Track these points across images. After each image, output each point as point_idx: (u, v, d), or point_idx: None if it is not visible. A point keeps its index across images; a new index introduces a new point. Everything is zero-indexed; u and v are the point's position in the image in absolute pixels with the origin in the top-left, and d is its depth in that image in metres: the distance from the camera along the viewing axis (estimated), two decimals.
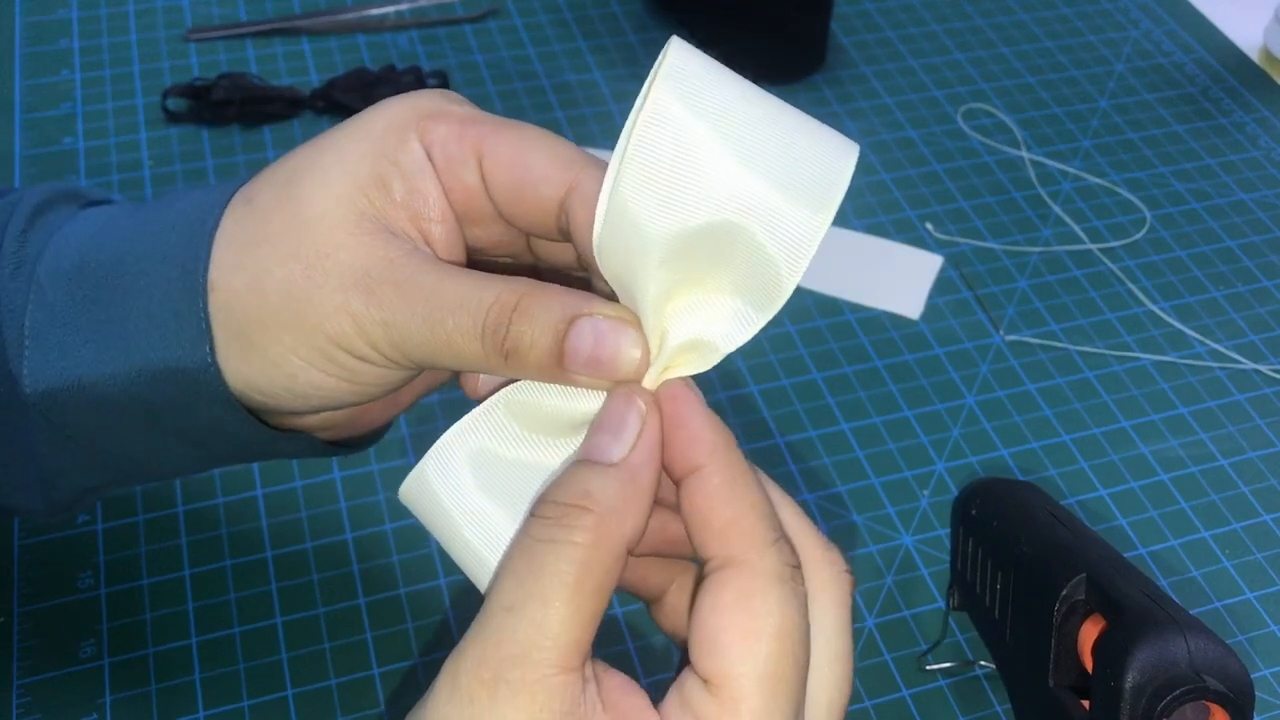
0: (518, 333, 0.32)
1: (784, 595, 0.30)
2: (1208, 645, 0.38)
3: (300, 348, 0.34)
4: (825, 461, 0.57)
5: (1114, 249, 0.68)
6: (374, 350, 0.34)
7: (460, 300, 0.33)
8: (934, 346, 0.62)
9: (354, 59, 0.77)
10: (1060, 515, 0.46)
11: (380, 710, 0.47)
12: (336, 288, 0.34)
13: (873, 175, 0.72)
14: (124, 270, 0.36)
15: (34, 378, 0.36)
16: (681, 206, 0.30)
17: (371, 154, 0.35)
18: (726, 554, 0.30)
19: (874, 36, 0.82)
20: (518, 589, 0.29)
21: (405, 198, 0.35)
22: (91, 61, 0.75)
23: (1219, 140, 0.76)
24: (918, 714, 0.48)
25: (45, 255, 0.37)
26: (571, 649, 0.29)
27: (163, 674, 0.48)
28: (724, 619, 0.30)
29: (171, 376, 0.36)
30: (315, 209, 0.34)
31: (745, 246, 0.30)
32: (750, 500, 0.31)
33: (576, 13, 0.82)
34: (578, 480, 0.30)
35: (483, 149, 0.35)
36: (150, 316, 0.36)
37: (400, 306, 0.33)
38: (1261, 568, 0.54)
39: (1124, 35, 0.84)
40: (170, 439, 0.38)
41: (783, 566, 0.30)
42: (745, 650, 0.29)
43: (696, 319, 0.31)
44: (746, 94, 0.31)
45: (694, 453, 0.31)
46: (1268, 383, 0.62)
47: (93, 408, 0.37)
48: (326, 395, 0.36)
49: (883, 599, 0.52)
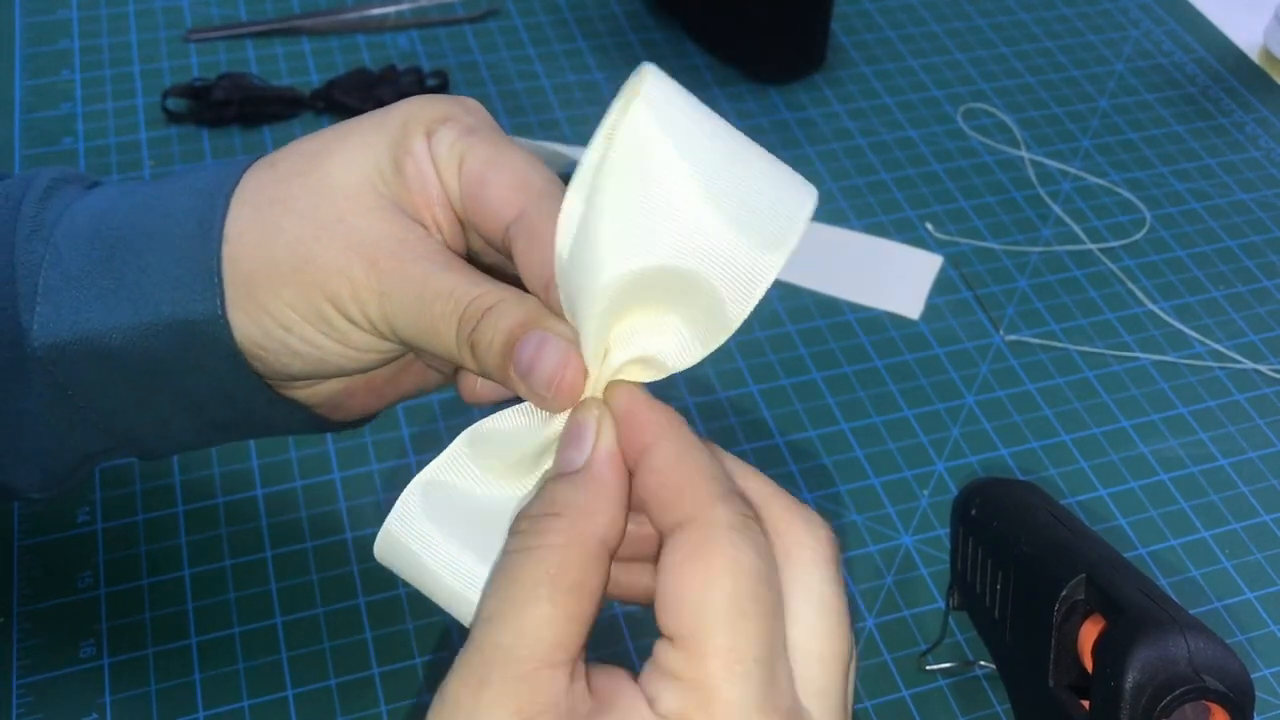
0: (481, 330, 0.34)
1: (736, 539, 0.29)
2: (1208, 645, 0.38)
3: (299, 303, 0.36)
4: (825, 461, 0.57)
5: (1114, 249, 0.68)
6: (365, 317, 0.36)
7: (450, 290, 0.35)
8: (934, 346, 0.62)
9: (354, 59, 0.77)
10: (1060, 515, 0.46)
11: (380, 710, 0.47)
12: (341, 251, 0.35)
13: (873, 175, 0.72)
14: (139, 231, 0.38)
15: (43, 331, 0.37)
16: (644, 236, 0.30)
17: (390, 143, 0.37)
18: (677, 518, 0.30)
19: (874, 36, 0.82)
20: (495, 599, 0.29)
21: (416, 183, 0.37)
22: (91, 62, 0.75)
23: (1219, 140, 0.76)
24: (918, 714, 0.48)
25: (63, 220, 0.38)
26: (553, 645, 0.29)
27: (163, 674, 0.48)
28: (679, 573, 0.29)
29: (180, 329, 0.37)
30: (336, 180, 0.36)
31: (697, 280, 0.31)
32: (696, 465, 0.31)
33: (576, 13, 0.82)
34: (546, 493, 0.31)
35: (465, 158, 0.37)
36: (163, 270, 0.37)
37: (398, 282, 0.35)
38: (1261, 568, 0.54)
39: (1124, 35, 0.84)
40: (171, 401, 0.39)
41: (734, 515, 0.30)
42: (702, 595, 0.29)
43: (643, 339, 0.32)
44: (716, 129, 0.32)
45: (641, 437, 0.32)
46: (1267, 383, 0.62)
47: (98, 363, 0.37)
48: (318, 354, 0.37)
49: (882, 599, 0.52)
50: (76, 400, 0.38)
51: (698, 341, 0.32)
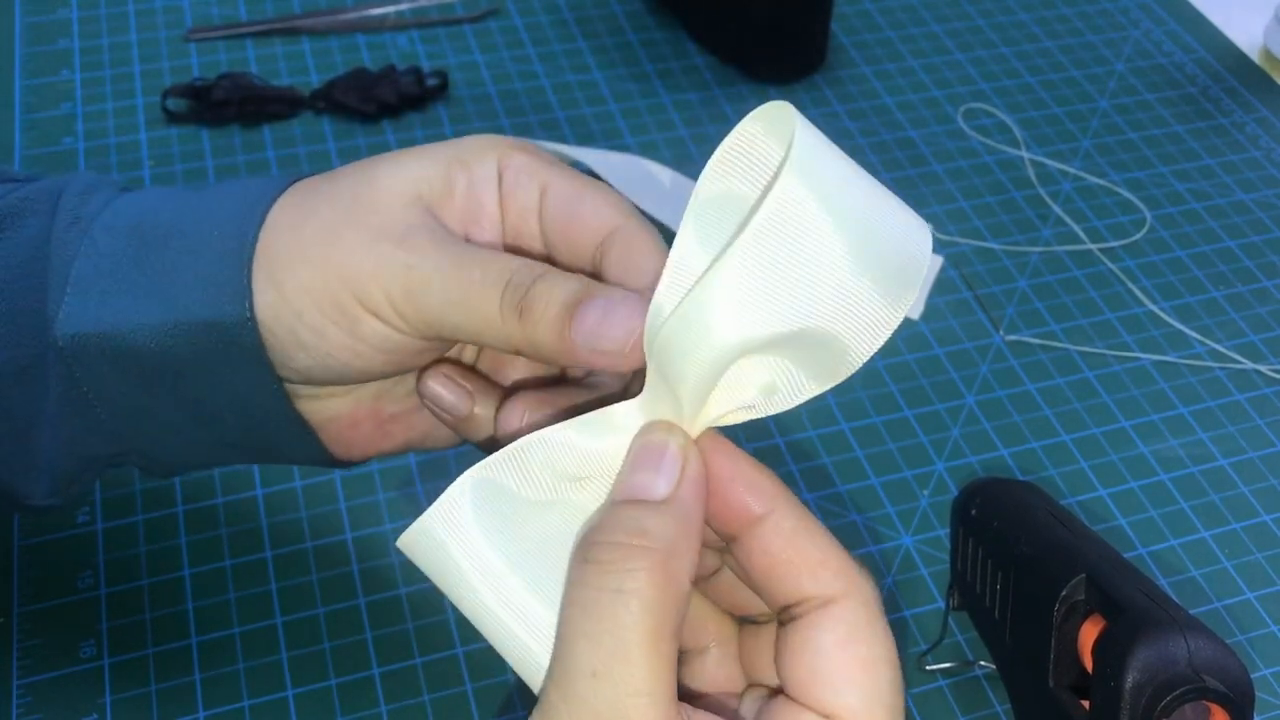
0: (538, 291, 0.33)
1: (886, 625, 0.31)
2: (1208, 645, 0.38)
3: (315, 286, 0.36)
4: (825, 461, 0.57)
5: (1114, 249, 0.68)
6: (386, 300, 0.35)
7: (489, 259, 0.35)
8: (934, 346, 0.62)
9: (354, 59, 0.77)
10: (1060, 515, 0.46)
11: (380, 710, 0.47)
12: (370, 235, 0.35)
13: (873, 175, 0.71)
14: (178, 230, 0.38)
15: (67, 321, 0.37)
16: (785, 299, 0.29)
17: (448, 159, 0.37)
18: (826, 592, 0.31)
19: (874, 36, 0.82)
20: (596, 651, 0.28)
21: (463, 202, 0.37)
22: (91, 61, 0.75)
23: (1219, 140, 0.76)
24: (918, 714, 0.48)
25: (104, 214, 0.39)
26: (666, 700, 0.28)
27: (163, 674, 0.48)
28: (843, 654, 0.30)
29: (206, 330, 0.37)
30: (382, 181, 0.37)
31: (822, 332, 0.30)
32: (829, 539, 0.32)
33: (576, 13, 0.82)
34: (630, 519, 0.30)
35: (548, 182, 0.37)
36: (195, 270, 0.37)
37: (430, 251, 0.35)
38: (1261, 568, 0.54)
39: (1124, 35, 0.84)
40: (184, 409, 0.39)
41: (877, 595, 0.31)
42: (869, 682, 0.30)
43: (749, 378, 0.31)
44: (852, 177, 0.31)
45: (756, 501, 0.31)
46: (1268, 383, 0.62)
47: (118, 360, 0.37)
48: (325, 347, 0.37)
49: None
50: (90, 397, 0.38)
51: (811, 380, 0.31)
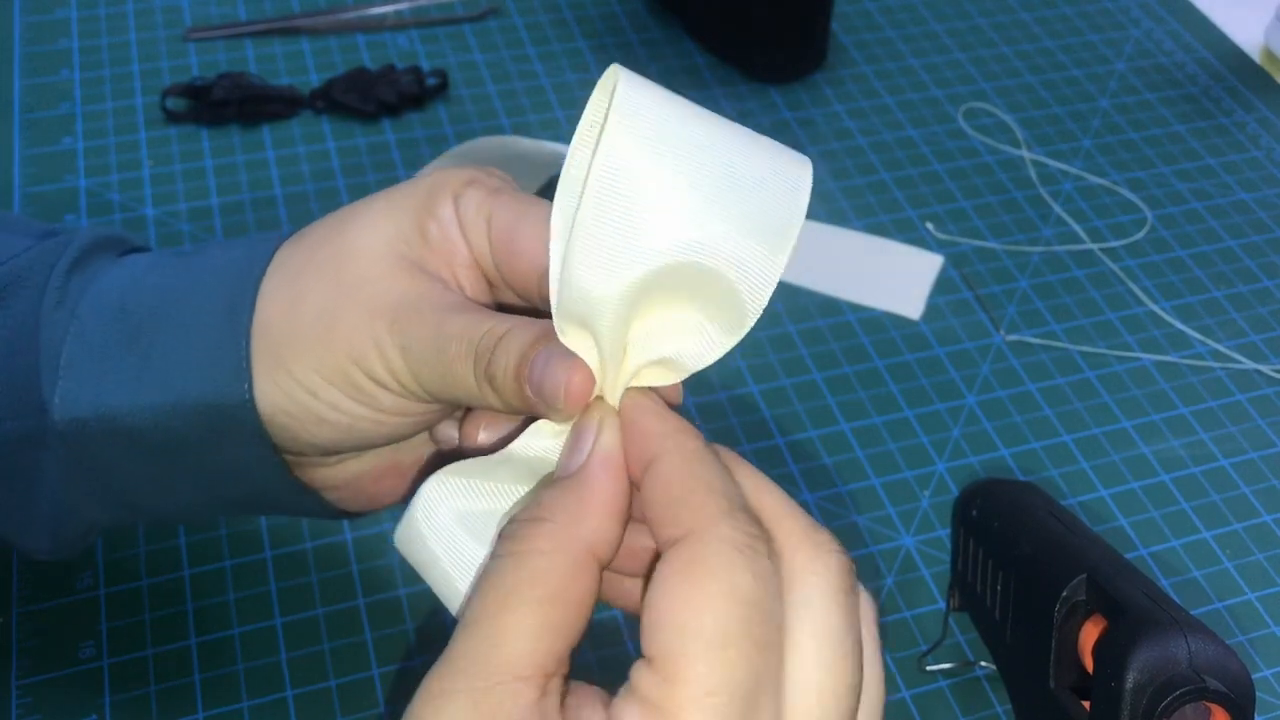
0: (495, 358, 0.34)
1: (735, 560, 0.28)
2: (1208, 646, 0.38)
3: (324, 366, 0.36)
4: (825, 461, 0.57)
5: (1115, 249, 0.68)
6: (391, 376, 0.36)
7: (463, 329, 0.35)
8: (934, 346, 0.62)
9: (353, 59, 0.77)
10: (1061, 516, 0.46)
11: (380, 710, 0.47)
12: (366, 314, 0.36)
13: (873, 175, 0.71)
14: (167, 308, 0.38)
15: (64, 406, 0.37)
16: (642, 249, 0.30)
17: (416, 207, 0.37)
18: (676, 532, 0.29)
19: (875, 36, 0.82)
20: (475, 604, 0.29)
21: (440, 245, 0.37)
22: (91, 61, 0.75)
23: (1220, 140, 0.76)
24: (918, 714, 0.48)
25: (89, 292, 0.39)
26: (523, 656, 0.28)
27: (162, 675, 0.48)
28: (665, 591, 0.28)
29: (206, 410, 0.37)
30: (358, 245, 0.37)
31: (709, 278, 0.31)
32: (703, 476, 0.30)
33: (576, 12, 0.82)
34: (536, 497, 0.31)
35: (491, 212, 0.37)
36: (191, 353, 0.37)
37: (417, 333, 0.35)
38: (1262, 568, 0.54)
39: (1125, 35, 0.84)
40: (187, 478, 0.39)
41: (737, 534, 0.28)
42: (686, 618, 0.27)
43: (662, 340, 0.32)
44: (700, 126, 0.31)
45: (648, 446, 0.31)
46: (1269, 383, 0.62)
47: (118, 439, 0.37)
48: (346, 421, 0.37)
49: (883, 600, 0.52)
50: (93, 474, 0.38)
51: (719, 330, 0.31)
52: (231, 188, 0.68)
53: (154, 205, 0.66)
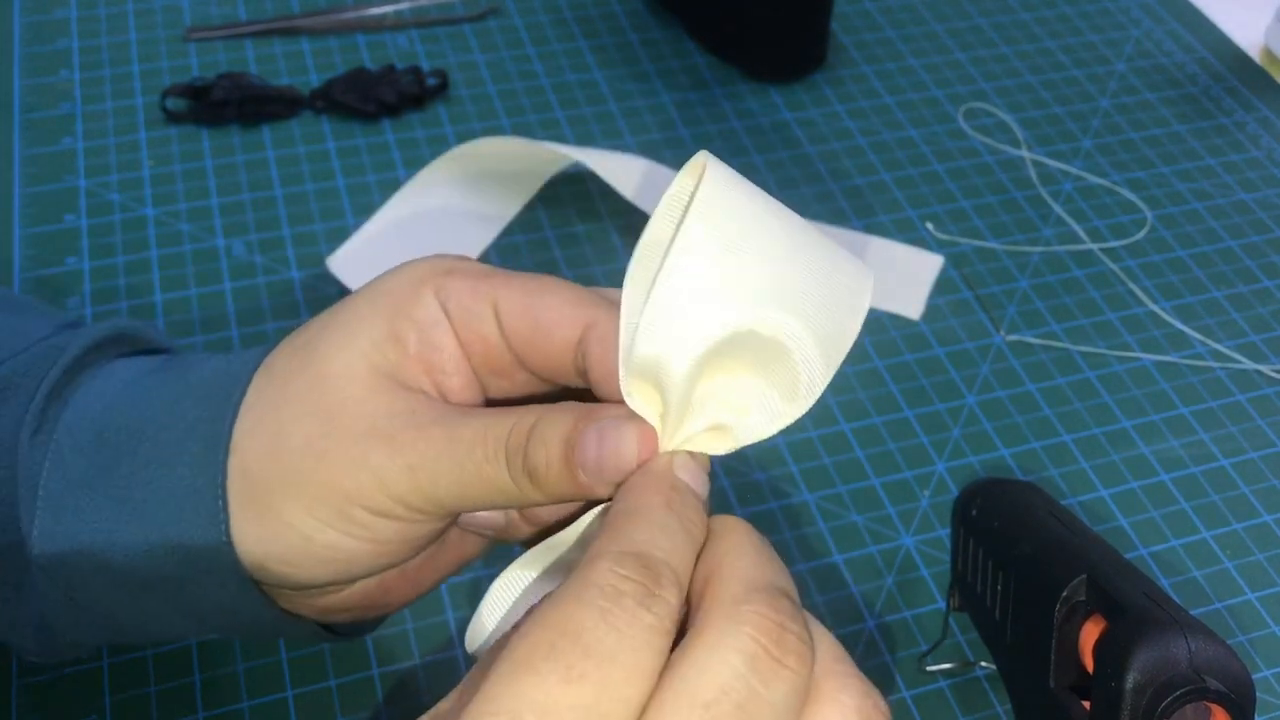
0: (533, 450, 0.32)
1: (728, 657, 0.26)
2: (1209, 646, 0.38)
3: (317, 507, 0.34)
4: (825, 461, 0.57)
5: (1115, 249, 0.68)
6: (397, 502, 0.34)
7: (483, 432, 0.33)
8: (934, 346, 0.62)
9: (353, 59, 0.77)
10: (1061, 515, 0.46)
11: (380, 710, 0.47)
12: (354, 442, 0.33)
13: (873, 175, 0.71)
14: (143, 438, 0.36)
15: (42, 541, 0.36)
16: (724, 301, 0.30)
17: (387, 312, 0.35)
18: (693, 603, 0.28)
19: (875, 36, 0.82)
20: None
21: (420, 351, 0.35)
22: (91, 61, 0.75)
23: (1220, 140, 0.76)
24: (918, 715, 0.48)
25: (65, 417, 0.37)
26: None
27: (162, 675, 0.48)
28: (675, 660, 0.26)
29: (185, 552, 0.35)
30: (332, 368, 0.34)
31: (773, 351, 0.31)
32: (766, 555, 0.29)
33: (576, 12, 0.82)
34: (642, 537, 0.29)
35: (497, 299, 0.35)
36: (169, 489, 0.35)
37: (426, 449, 0.33)
38: (1262, 568, 0.54)
39: (1125, 35, 0.84)
40: (176, 611, 0.38)
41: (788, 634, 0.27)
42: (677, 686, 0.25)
43: (722, 402, 0.31)
44: (775, 223, 0.31)
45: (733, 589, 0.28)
46: (1269, 383, 0.62)
47: (99, 575, 0.36)
48: (344, 558, 0.35)
49: (883, 600, 0.52)
50: (79, 604, 0.37)
51: (781, 400, 0.31)
52: (231, 188, 0.68)
53: (154, 205, 0.66)
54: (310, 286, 0.63)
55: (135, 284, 0.62)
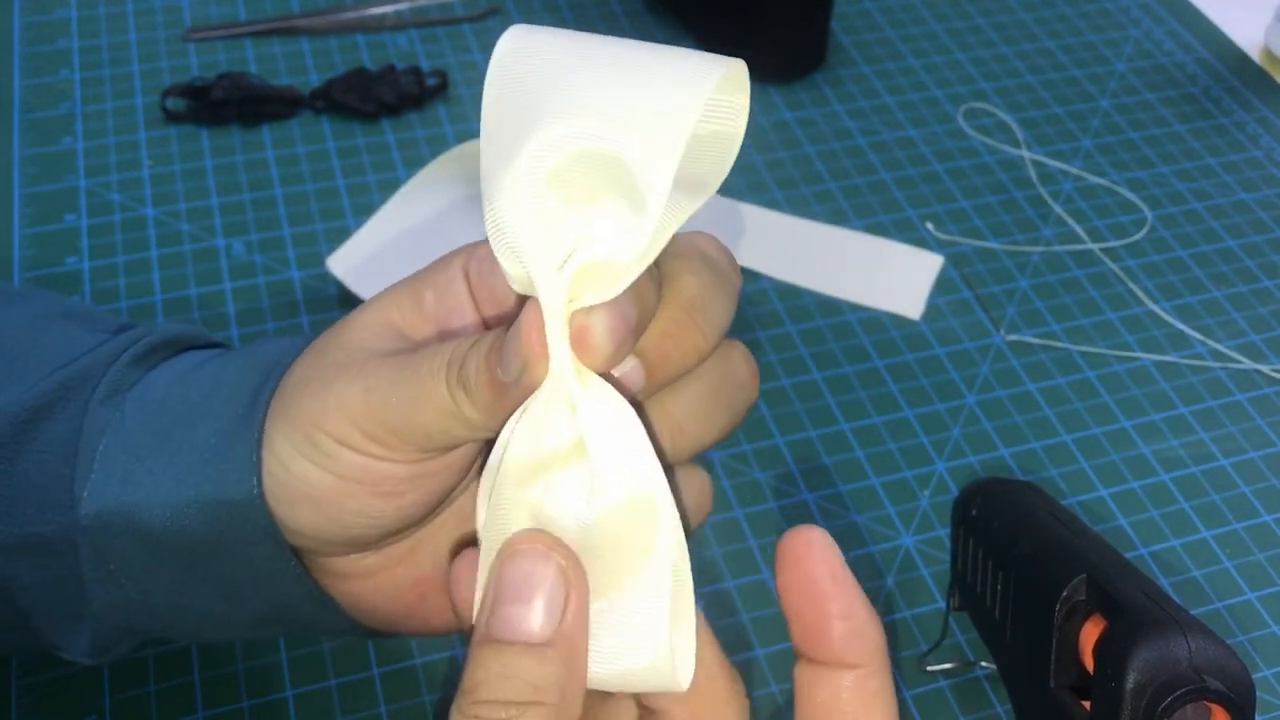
0: (468, 361, 0.33)
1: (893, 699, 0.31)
2: (1209, 645, 0.38)
3: (291, 432, 0.35)
4: (825, 461, 0.57)
5: (1115, 249, 0.68)
6: (353, 426, 0.34)
7: (433, 352, 0.34)
8: (934, 346, 0.62)
9: (353, 59, 0.77)
10: (1061, 515, 0.46)
11: (380, 710, 0.47)
12: (332, 374, 0.35)
13: (873, 175, 0.71)
14: (198, 404, 0.37)
15: (91, 499, 0.37)
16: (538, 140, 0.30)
17: (416, 279, 0.37)
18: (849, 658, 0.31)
19: (874, 36, 0.82)
20: None
21: (435, 311, 0.36)
22: (91, 61, 0.75)
23: (1220, 140, 0.76)
24: (918, 715, 0.48)
25: (138, 386, 0.38)
26: None
27: (162, 674, 0.48)
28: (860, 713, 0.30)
29: (217, 509, 0.36)
30: (357, 322, 0.36)
31: (612, 165, 0.30)
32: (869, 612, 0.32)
33: (576, 12, 0.82)
34: (515, 672, 0.29)
35: None
36: (207, 447, 0.36)
37: (383, 370, 0.34)
38: (1262, 568, 0.54)
39: (1125, 35, 0.84)
40: (209, 587, 0.38)
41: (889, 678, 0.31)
42: None
43: (588, 240, 0.31)
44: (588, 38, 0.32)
45: (856, 649, 0.31)
46: (1269, 383, 0.62)
47: (136, 540, 0.37)
48: (316, 494, 0.35)
49: (883, 600, 0.52)
50: (118, 576, 0.38)
51: (635, 215, 0.30)
52: (231, 188, 0.68)
53: (154, 205, 0.66)
54: (310, 286, 0.63)
55: (135, 284, 0.62)
